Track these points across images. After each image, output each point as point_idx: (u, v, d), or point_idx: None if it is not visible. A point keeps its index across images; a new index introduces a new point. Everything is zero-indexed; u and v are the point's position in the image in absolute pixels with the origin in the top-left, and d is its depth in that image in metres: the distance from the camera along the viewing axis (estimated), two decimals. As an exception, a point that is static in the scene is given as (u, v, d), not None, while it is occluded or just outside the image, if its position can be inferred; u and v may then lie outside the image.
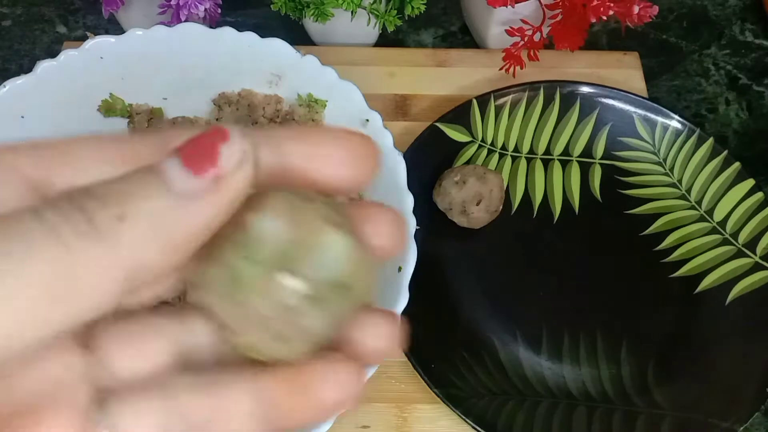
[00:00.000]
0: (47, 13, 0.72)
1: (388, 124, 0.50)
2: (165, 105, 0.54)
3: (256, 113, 0.53)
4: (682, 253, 0.56)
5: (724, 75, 0.71)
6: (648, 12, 0.54)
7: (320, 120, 0.52)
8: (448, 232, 0.56)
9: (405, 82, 0.64)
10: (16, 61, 0.69)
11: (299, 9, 0.59)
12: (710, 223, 0.57)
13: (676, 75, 0.71)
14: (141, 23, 0.53)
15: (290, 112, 0.53)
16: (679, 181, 0.59)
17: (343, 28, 0.64)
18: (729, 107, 0.69)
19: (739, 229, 0.56)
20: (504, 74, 0.61)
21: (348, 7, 0.56)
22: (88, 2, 0.72)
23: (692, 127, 0.60)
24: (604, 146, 0.60)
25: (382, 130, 0.50)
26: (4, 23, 0.71)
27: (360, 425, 0.48)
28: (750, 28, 0.74)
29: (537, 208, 0.58)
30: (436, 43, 0.72)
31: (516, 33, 0.59)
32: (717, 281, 0.54)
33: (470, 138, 0.60)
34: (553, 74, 0.63)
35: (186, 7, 0.55)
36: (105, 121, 0.53)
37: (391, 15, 0.59)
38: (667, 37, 0.73)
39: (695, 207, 0.58)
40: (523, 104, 0.61)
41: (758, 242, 0.55)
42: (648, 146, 0.60)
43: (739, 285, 0.54)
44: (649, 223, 0.57)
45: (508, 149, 0.60)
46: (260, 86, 0.54)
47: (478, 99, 0.60)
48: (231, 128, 0.16)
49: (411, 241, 0.45)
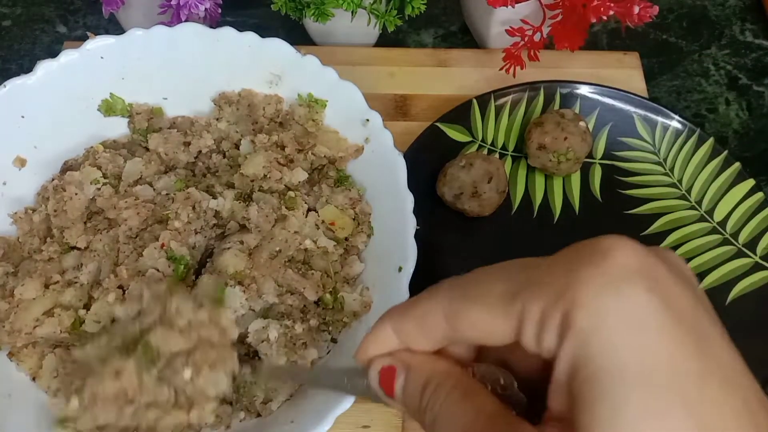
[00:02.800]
0: (47, 13, 0.72)
1: (388, 124, 0.50)
2: (165, 105, 0.54)
3: (256, 113, 0.53)
4: (682, 253, 0.56)
5: (724, 75, 0.71)
6: (648, 12, 0.54)
7: (320, 120, 0.52)
8: (449, 232, 0.56)
9: (405, 82, 0.64)
10: (16, 61, 0.69)
11: (299, 9, 0.59)
12: (710, 223, 0.57)
13: (676, 75, 0.71)
14: (141, 23, 0.53)
15: (290, 112, 0.53)
16: (679, 181, 0.59)
17: (343, 28, 0.64)
18: (729, 107, 0.69)
19: (739, 230, 0.56)
20: (504, 74, 0.61)
21: (348, 7, 0.56)
22: (88, 2, 0.72)
23: (692, 127, 0.60)
24: (604, 146, 0.60)
25: (382, 130, 0.50)
26: (4, 23, 0.71)
27: (360, 425, 0.48)
28: (750, 28, 0.74)
29: (537, 208, 0.58)
30: (436, 43, 0.72)
31: (516, 33, 0.59)
32: (717, 281, 0.55)
33: (470, 138, 0.60)
34: (553, 74, 0.63)
35: (186, 7, 0.55)
36: (105, 121, 0.53)
37: (391, 15, 0.59)
38: (667, 37, 0.73)
39: (695, 207, 0.58)
40: (523, 104, 0.61)
41: (758, 242, 0.56)
42: (648, 146, 0.60)
43: (739, 285, 0.54)
44: (649, 223, 0.57)
45: (509, 149, 0.60)
46: (260, 86, 0.53)
47: (478, 99, 0.60)
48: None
49: (412, 240, 0.45)
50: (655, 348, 0.20)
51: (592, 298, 0.21)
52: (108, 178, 0.49)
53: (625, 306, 0.20)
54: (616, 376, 0.20)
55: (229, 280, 0.44)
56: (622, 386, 0.19)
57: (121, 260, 0.45)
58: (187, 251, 0.45)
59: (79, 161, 0.51)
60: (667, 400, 0.19)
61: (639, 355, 0.20)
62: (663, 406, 0.19)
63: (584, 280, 0.21)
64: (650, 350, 0.20)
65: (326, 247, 0.47)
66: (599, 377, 0.20)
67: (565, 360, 0.21)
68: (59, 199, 0.48)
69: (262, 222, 0.46)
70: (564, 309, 0.21)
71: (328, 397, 0.40)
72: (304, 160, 0.51)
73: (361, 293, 0.46)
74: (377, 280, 0.47)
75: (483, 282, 0.25)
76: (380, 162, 0.49)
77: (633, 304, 0.20)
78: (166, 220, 0.46)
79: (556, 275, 0.22)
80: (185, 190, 0.47)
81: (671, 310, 0.21)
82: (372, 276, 0.47)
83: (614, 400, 0.19)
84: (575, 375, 0.21)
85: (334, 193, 0.50)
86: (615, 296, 0.21)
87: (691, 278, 0.24)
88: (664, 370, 0.19)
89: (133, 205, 0.47)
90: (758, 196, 0.57)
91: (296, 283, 0.45)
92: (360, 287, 0.47)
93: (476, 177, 0.54)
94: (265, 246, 0.46)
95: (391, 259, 0.45)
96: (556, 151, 0.56)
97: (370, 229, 0.49)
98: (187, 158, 0.51)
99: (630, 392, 0.19)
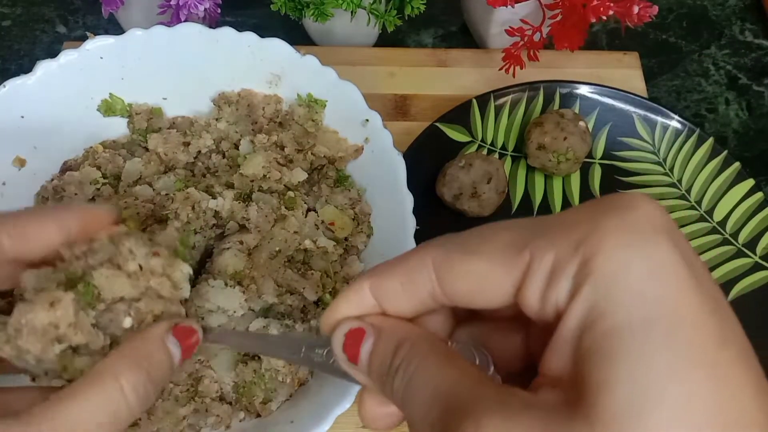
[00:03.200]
0: (47, 13, 0.72)
1: (388, 124, 0.50)
2: (165, 105, 0.54)
3: (256, 113, 0.53)
4: (682, 253, 0.56)
5: (724, 75, 0.71)
6: (648, 12, 0.54)
7: (320, 120, 0.52)
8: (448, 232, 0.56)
9: (405, 82, 0.64)
10: (16, 61, 0.69)
11: (299, 9, 0.59)
12: (710, 223, 0.57)
13: (676, 75, 0.71)
14: (141, 23, 0.53)
15: (290, 112, 0.53)
16: (678, 181, 0.59)
17: (343, 28, 0.64)
18: (729, 107, 0.69)
19: (739, 229, 0.56)
20: (504, 74, 0.61)
21: (348, 7, 0.56)
22: (88, 2, 0.72)
23: (692, 127, 0.60)
24: (604, 146, 0.60)
25: (381, 130, 0.49)
26: (4, 23, 0.71)
27: (360, 425, 0.48)
28: (750, 28, 0.74)
29: (537, 208, 0.58)
30: (436, 43, 0.72)
31: (516, 33, 0.59)
32: (717, 281, 0.54)
33: (470, 138, 0.60)
34: (553, 74, 0.63)
35: (186, 7, 0.55)
36: (105, 121, 0.53)
37: (391, 15, 0.59)
38: (667, 37, 0.73)
39: (695, 207, 0.58)
40: (523, 104, 0.61)
41: (758, 242, 0.56)
42: (648, 146, 0.60)
43: (739, 285, 0.54)
44: (649, 223, 0.57)
45: (508, 149, 0.60)
46: (260, 86, 0.53)
47: (478, 99, 0.60)
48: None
49: (411, 241, 0.45)
50: (682, 304, 0.19)
51: (617, 247, 0.19)
52: (107, 178, 0.49)
53: (653, 257, 0.19)
54: (640, 330, 0.18)
55: (229, 279, 0.44)
56: (647, 343, 0.18)
57: (121, 260, 0.45)
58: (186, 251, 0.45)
59: (78, 161, 0.51)
60: (691, 360, 0.18)
61: (666, 309, 0.19)
62: (688, 367, 0.18)
63: (610, 229, 0.20)
64: (678, 306, 0.19)
65: (326, 247, 0.47)
66: (621, 330, 0.19)
67: (578, 311, 0.20)
68: (59, 199, 0.48)
69: (262, 222, 0.46)
70: (584, 256, 0.20)
71: (328, 397, 0.40)
72: (304, 160, 0.51)
73: (360, 293, 0.46)
74: (377, 280, 0.46)
75: (487, 233, 0.23)
76: (380, 162, 0.49)
77: (661, 256, 0.19)
78: (165, 220, 0.46)
79: (576, 224, 0.21)
80: (185, 190, 0.47)
81: (695, 272, 0.20)
82: (372, 276, 0.47)
83: (638, 356, 0.18)
84: (591, 327, 0.19)
85: (333, 193, 0.50)
86: (642, 247, 0.19)
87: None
88: (689, 329, 0.18)
89: (132, 205, 0.47)
90: (758, 196, 0.57)
91: (296, 283, 0.45)
92: (360, 287, 0.47)
93: (476, 177, 0.54)
94: (265, 246, 0.46)
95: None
96: (555, 151, 0.56)
97: (369, 229, 0.49)
98: (186, 158, 0.51)
99: (656, 349, 0.18)
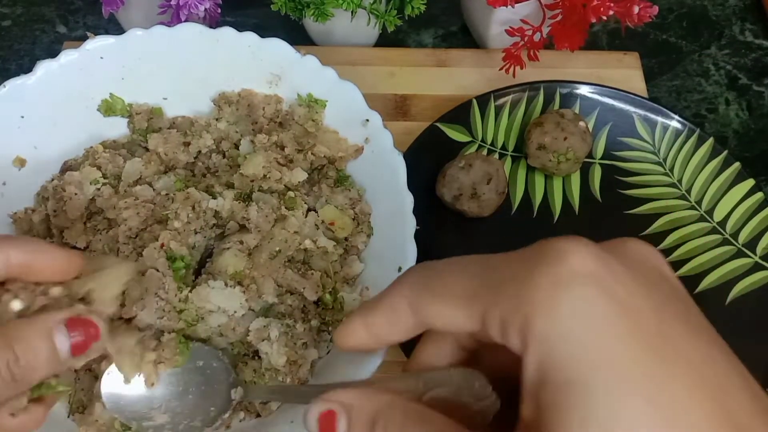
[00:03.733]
0: (47, 13, 0.72)
1: (388, 124, 0.50)
2: (165, 105, 0.54)
3: (256, 113, 0.53)
4: (682, 253, 0.56)
5: (724, 75, 0.71)
6: (648, 12, 0.54)
7: (320, 120, 0.52)
8: (448, 232, 0.56)
9: (405, 82, 0.64)
10: (16, 61, 0.69)
11: (299, 9, 0.59)
12: (710, 223, 0.57)
13: (676, 75, 0.71)
14: (141, 23, 0.53)
15: (290, 112, 0.53)
16: (679, 181, 0.59)
17: (343, 28, 0.64)
18: (729, 107, 0.69)
19: (739, 229, 0.56)
20: (504, 74, 0.61)
21: (348, 7, 0.56)
22: (88, 2, 0.72)
23: (692, 127, 0.60)
24: (604, 146, 0.60)
25: (381, 130, 0.49)
26: (4, 23, 0.71)
27: (360, 425, 0.48)
28: (750, 28, 0.74)
29: (537, 208, 0.58)
30: (436, 43, 0.72)
31: (516, 33, 0.59)
32: (717, 281, 0.54)
33: (470, 138, 0.60)
34: (553, 74, 0.63)
35: (186, 7, 0.55)
36: (105, 121, 0.53)
37: (391, 15, 0.59)
38: (667, 37, 0.73)
39: (695, 207, 0.58)
40: (523, 104, 0.61)
41: (758, 242, 0.56)
42: (648, 146, 0.60)
43: (739, 285, 0.54)
44: (649, 223, 0.57)
45: (508, 149, 0.60)
46: (260, 86, 0.53)
47: (478, 99, 0.60)
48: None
49: (411, 241, 0.45)
50: (615, 354, 0.20)
51: (551, 307, 0.21)
52: (108, 178, 0.49)
53: (585, 311, 0.21)
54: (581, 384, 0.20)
55: (229, 280, 0.44)
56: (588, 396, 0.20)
57: (121, 260, 0.45)
58: (186, 251, 0.45)
59: (78, 161, 0.51)
60: (633, 406, 0.19)
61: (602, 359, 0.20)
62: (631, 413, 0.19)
63: (542, 286, 0.21)
64: (610, 357, 0.20)
65: (326, 247, 0.47)
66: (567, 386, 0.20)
67: (531, 365, 0.21)
68: (59, 199, 0.48)
69: (262, 222, 0.46)
70: (525, 316, 0.21)
71: (327, 397, 0.40)
72: (304, 160, 0.51)
73: (360, 293, 0.46)
74: (377, 280, 0.47)
75: (445, 276, 0.26)
76: (380, 162, 0.49)
77: (591, 309, 0.21)
78: (165, 220, 0.46)
79: (513, 281, 0.22)
80: (185, 190, 0.47)
81: (628, 314, 0.21)
82: (372, 276, 0.47)
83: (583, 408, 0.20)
84: (544, 382, 0.21)
85: (333, 193, 0.50)
86: (571, 303, 0.21)
87: (658, 268, 0.24)
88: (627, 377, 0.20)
89: (132, 205, 0.47)
90: (758, 196, 0.57)
91: (296, 283, 0.45)
92: (360, 287, 0.47)
93: (475, 178, 0.54)
94: (265, 246, 0.46)
95: (391, 259, 0.45)
96: (555, 151, 0.56)
97: (369, 229, 0.49)
98: (186, 158, 0.51)
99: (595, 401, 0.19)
